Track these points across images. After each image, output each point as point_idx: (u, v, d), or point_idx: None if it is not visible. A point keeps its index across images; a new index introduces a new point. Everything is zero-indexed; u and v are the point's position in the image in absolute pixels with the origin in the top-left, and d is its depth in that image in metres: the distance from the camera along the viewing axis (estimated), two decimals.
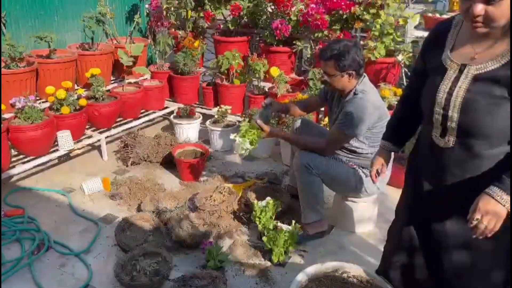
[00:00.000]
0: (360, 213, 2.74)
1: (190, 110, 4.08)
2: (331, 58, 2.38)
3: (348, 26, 3.97)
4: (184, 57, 4.27)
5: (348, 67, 2.37)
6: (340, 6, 3.79)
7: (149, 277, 2.25)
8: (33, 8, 3.89)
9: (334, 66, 2.39)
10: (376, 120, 2.44)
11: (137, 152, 3.54)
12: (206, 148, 3.55)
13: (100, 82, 3.74)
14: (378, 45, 3.56)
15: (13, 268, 2.38)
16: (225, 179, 3.38)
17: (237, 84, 4.16)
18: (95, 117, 3.69)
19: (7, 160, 3.07)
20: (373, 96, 2.44)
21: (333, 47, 2.38)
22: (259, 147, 3.76)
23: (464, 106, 1.38)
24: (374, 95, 2.46)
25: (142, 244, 2.51)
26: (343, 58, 2.35)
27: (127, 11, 4.82)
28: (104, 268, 2.42)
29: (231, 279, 2.33)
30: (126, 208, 3.00)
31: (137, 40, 4.63)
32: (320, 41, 3.99)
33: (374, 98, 2.44)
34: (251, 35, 4.51)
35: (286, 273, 2.40)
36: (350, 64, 2.36)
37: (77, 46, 4.15)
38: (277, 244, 2.40)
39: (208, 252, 2.38)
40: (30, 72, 3.46)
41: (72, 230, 2.76)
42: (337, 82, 2.44)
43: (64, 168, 3.58)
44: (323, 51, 2.44)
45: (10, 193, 3.11)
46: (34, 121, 3.16)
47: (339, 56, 2.36)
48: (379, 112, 2.44)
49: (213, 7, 4.51)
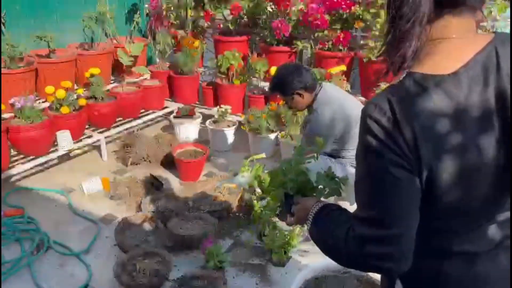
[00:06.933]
0: None
1: (190, 110, 4.07)
2: (274, 90, 2.68)
3: (348, 26, 3.96)
4: (184, 57, 4.27)
5: (293, 89, 2.54)
6: (340, 5, 3.79)
7: (149, 277, 2.24)
8: (33, 8, 3.88)
9: (281, 94, 2.66)
10: (343, 127, 2.51)
11: (137, 152, 3.53)
12: (206, 148, 3.55)
13: (100, 82, 3.73)
14: (378, 45, 3.56)
15: (13, 268, 2.37)
16: (225, 179, 3.37)
17: (237, 84, 4.16)
18: (95, 117, 3.69)
19: (6, 160, 3.07)
20: (328, 111, 2.50)
21: (272, 80, 2.66)
22: (259, 147, 3.78)
23: None
24: (328, 110, 2.50)
25: (142, 244, 2.51)
26: (283, 86, 2.58)
27: (127, 11, 4.81)
28: (104, 268, 2.41)
29: (231, 279, 2.33)
30: (126, 208, 2.99)
31: (137, 40, 4.62)
32: (320, 41, 3.99)
33: (329, 113, 2.49)
34: (251, 35, 4.51)
35: (286, 273, 2.40)
36: (293, 87, 2.54)
37: (77, 46, 4.15)
38: (277, 244, 2.40)
39: (208, 252, 2.38)
40: (30, 72, 3.45)
41: (72, 230, 2.76)
42: (294, 103, 2.64)
43: (64, 168, 3.58)
44: (268, 87, 2.74)
45: (10, 193, 3.11)
46: (33, 121, 3.16)
47: (279, 86, 2.62)
48: (341, 121, 2.50)
49: (213, 7, 4.51)
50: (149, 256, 2.40)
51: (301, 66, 2.67)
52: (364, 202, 0.88)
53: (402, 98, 0.82)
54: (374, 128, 0.82)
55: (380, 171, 0.83)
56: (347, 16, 3.87)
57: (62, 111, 3.38)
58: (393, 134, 0.81)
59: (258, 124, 3.65)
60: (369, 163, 0.86)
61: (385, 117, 0.81)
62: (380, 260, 0.86)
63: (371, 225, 0.86)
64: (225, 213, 2.83)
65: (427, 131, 0.80)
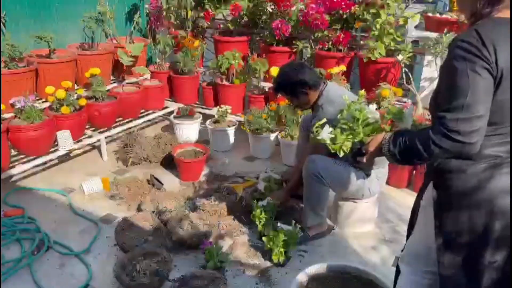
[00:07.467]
0: (360, 213, 2.74)
1: (190, 110, 4.08)
2: (279, 91, 2.67)
3: (348, 26, 3.97)
4: (184, 57, 4.27)
5: (298, 88, 2.55)
6: (340, 5, 3.79)
7: (149, 277, 2.24)
8: (33, 8, 3.88)
9: (286, 94, 2.66)
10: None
11: (137, 152, 3.54)
12: (206, 148, 3.55)
13: (100, 82, 3.73)
14: (378, 45, 3.56)
15: (13, 268, 2.37)
16: (225, 179, 3.38)
17: (237, 84, 4.16)
18: (95, 117, 3.69)
19: (7, 160, 3.07)
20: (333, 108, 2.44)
21: (276, 81, 2.66)
22: (259, 147, 3.78)
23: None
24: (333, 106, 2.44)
25: (142, 244, 2.51)
26: (287, 86, 2.59)
27: (127, 11, 4.82)
28: (104, 268, 2.41)
29: (231, 279, 2.33)
30: (126, 208, 2.99)
31: (137, 40, 4.62)
32: (320, 41, 3.99)
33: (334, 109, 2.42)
34: (251, 35, 4.51)
35: (286, 273, 2.40)
36: (298, 86, 2.54)
37: (77, 46, 4.15)
38: (277, 244, 2.40)
39: (208, 252, 2.38)
40: (30, 72, 3.46)
41: (72, 230, 2.76)
42: (300, 102, 2.64)
43: (64, 168, 3.58)
44: (273, 87, 2.73)
45: (10, 193, 3.11)
46: (34, 121, 3.16)
47: (283, 86, 2.62)
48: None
49: (213, 7, 4.51)
50: (149, 256, 2.40)
51: (304, 65, 2.66)
52: (457, 95, 1.23)
53: (485, 28, 1.24)
54: (467, 46, 1.22)
55: (472, 72, 1.21)
56: (347, 16, 3.87)
57: (62, 111, 3.39)
58: (481, 49, 1.21)
59: (258, 124, 3.65)
60: (462, 69, 1.22)
61: (475, 39, 1.22)
62: (467, 135, 1.21)
63: (462, 109, 1.21)
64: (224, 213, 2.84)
65: (502, 46, 1.21)
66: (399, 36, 3.64)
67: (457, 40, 1.26)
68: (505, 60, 1.21)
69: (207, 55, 5.00)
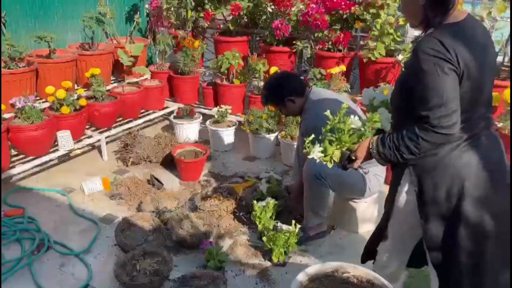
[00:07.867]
0: (360, 213, 2.74)
1: (190, 110, 4.08)
2: (267, 102, 2.76)
3: (348, 26, 3.97)
4: (184, 57, 4.27)
5: (284, 97, 2.61)
6: (340, 6, 3.79)
7: (149, 277, 2.24)
8: (33, 8, 3.89)
9: (274, 104, 2.76)
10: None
11: (137, 152, 3.54)
12: (206, 148, 3.55)
13: (100, 82, 3.74)
14: (378, 45, 3.56)
15: (13, 268, 2.37)
16: (225, 179, 3.38)
17: (237, 84, 4.16)
18: (95, 117, 3.69)
19: (7, 160, 3.07)
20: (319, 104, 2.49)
21: (263, 93, 2.74)
22: (259, 147, 3.78)
23: None
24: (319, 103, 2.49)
25: (142, 244, 2.51)
26: (274, 97, 2.68)
27: (127, 11, 4.82)
28: (104, 268, 2.42)
29: (231, 279, 2.33)
30: (126, 208, 2.99)
31: (137, 40, 4.62)
32: (320, 41, 3.99)
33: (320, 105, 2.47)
34: (251, 35, 4.51)
35: (286, 273, 2.40)
36: (283, 95, 2.61)
37: (77, 46, 4.16)
38: (277, 244, 2.40)
39: (208, 252, 2.38)
40: (30, 72, 3.46)
41: (72, 230, 2.76)
42: (288, 110, 2.70)
43: (64, 168, 3.58)
44: (261, 101, 2.80)
45: (10, 193, 3.11)
46: (34, 121, 3.16)
47: (270, 98, 2.71)
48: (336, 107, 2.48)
49: (213, 7, 4.51)
50: (149, 256, 2.40)
51: (288, 73, 2.75)
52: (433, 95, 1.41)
53: (443, 35, 1.42)
54: (433, 52, 1.40)
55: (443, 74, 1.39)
56: (347, 16, 3.87)
57: (62, 111, 3.39)
58: (445, 53, 1.39)
59: (258, 124, 3.65)
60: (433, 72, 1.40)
61: (437, 45, 1.40)
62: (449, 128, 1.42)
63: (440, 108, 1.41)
64: (224, 213, 2.84)
65: (461, 50, 1.40)
66: (399, 36, 3.64)
67: (421, 47, 1.43)
68: (463, 62, 1.41)
69: (207, 55, 5.00)
